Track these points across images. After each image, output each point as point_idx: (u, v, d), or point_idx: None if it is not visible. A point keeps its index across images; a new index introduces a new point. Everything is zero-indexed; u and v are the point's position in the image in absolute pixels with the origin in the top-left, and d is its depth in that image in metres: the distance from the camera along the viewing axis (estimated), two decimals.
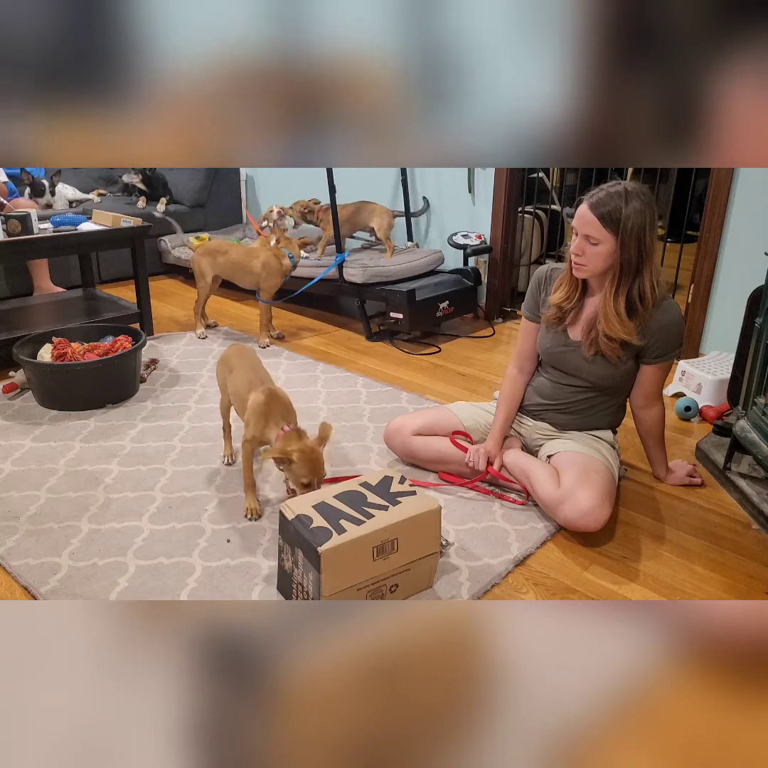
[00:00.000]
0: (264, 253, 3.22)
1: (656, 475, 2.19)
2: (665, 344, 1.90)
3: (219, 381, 2.23)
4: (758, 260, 2.73)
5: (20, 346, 2.65)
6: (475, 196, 3.78)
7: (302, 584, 1.55)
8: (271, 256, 3.21)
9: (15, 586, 1.67)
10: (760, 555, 1.85)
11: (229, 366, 2.14)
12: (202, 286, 3.34)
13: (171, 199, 4.52)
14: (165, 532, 1.87)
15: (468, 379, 3.01)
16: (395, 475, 1.70)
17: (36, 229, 2.97)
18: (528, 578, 1.74)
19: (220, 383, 2.22)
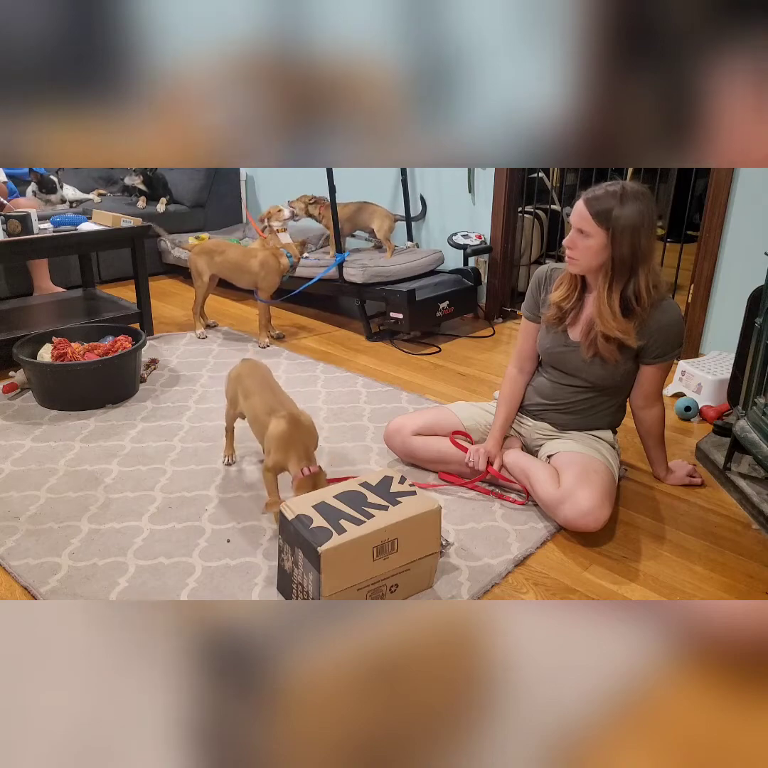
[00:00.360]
0: (262, 253, 3.22)
1: (656, 475, 2.19)
2: (665, 344, 1.90)
3: (229, 395, 2.14)
4: (758, 260, 2.74)
5: (20, 346, 2.65)
6: (475, 196, 3.78)
7: (302, 584, 1.55)
8: (269, 256, 3.21)
9: (15, 586, 1.67)
10: (760, 555, 1.85)
11: (243, 387, 2.04)
12: (199, 285, 3.34)
13: (171, 199, 4.52)
14: (165, 532, 1.87)
15: (468, 379, 3.01)
16: (395, 475, 1.70)
17: (36, 229, 2.97)
18: (528, 578, 1.74)
19: (230, 398, 2.14)
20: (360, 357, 3.22)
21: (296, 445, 1.83)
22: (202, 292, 3.36)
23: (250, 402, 2.00)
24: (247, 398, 2.02)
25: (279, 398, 1.96)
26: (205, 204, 4.63)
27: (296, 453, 1.82)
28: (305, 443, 1.85)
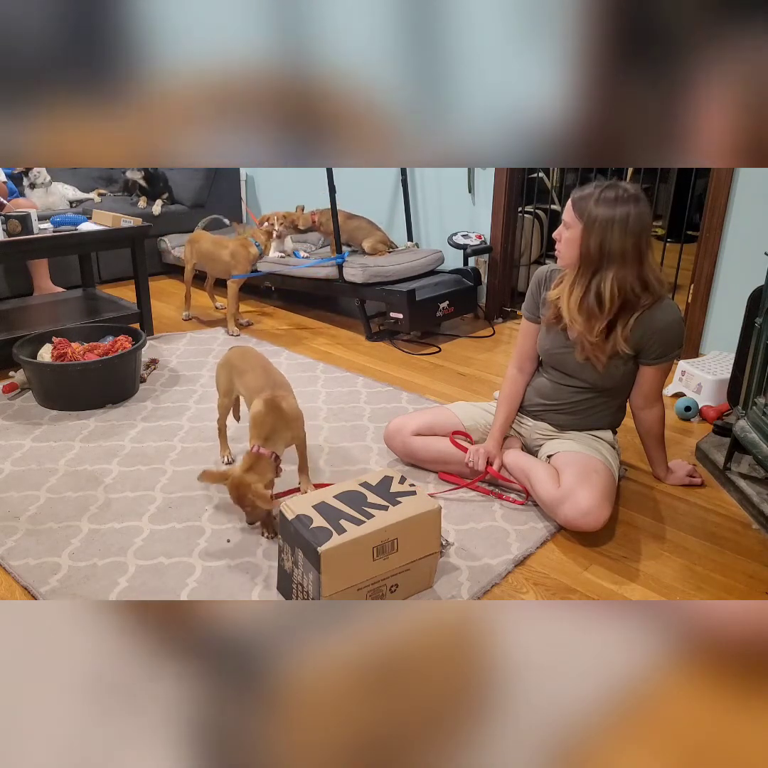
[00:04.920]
0: (232, 243, 3.44)
1: (656, 475, 2.19)
2: (665, 345, 1.90)
3: (220, 384, 2.17)
4: (758, 260, 2.73)
5: (20, 346, 2.65)
6: (475, 196, 3.78)
7: (302, 584, 1.55)
8: (239, 246, 3.43)
9: (15, 586, 1.67)
10: (760, 555, 1.85)
11: (236, 369, 2.07)
12: (188, 270, 3.62)
13: (170, 196, 4.52)
14: (165, 532, 1.87)
15: (468, 379, 3.01)
16: (395, 475, 1.70)
17: (36, 229, 2.97)
18: (528, 578, 1.74)
19: (221, 386, 2.17)
20: (360, 357, 3.22)
21: (264, 426, 1.87)
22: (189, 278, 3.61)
23: (244, 380, 2.03)
24: (241, 377, 2.05)
25: (272, 378, 2.00)
26: (205, 204, 4.63)
27: (258, 432, 1.86)
28: (274, 427, 1.88)
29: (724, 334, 3.03)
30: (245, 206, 4.93)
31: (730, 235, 2.96)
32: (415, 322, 3.37)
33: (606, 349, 1.89)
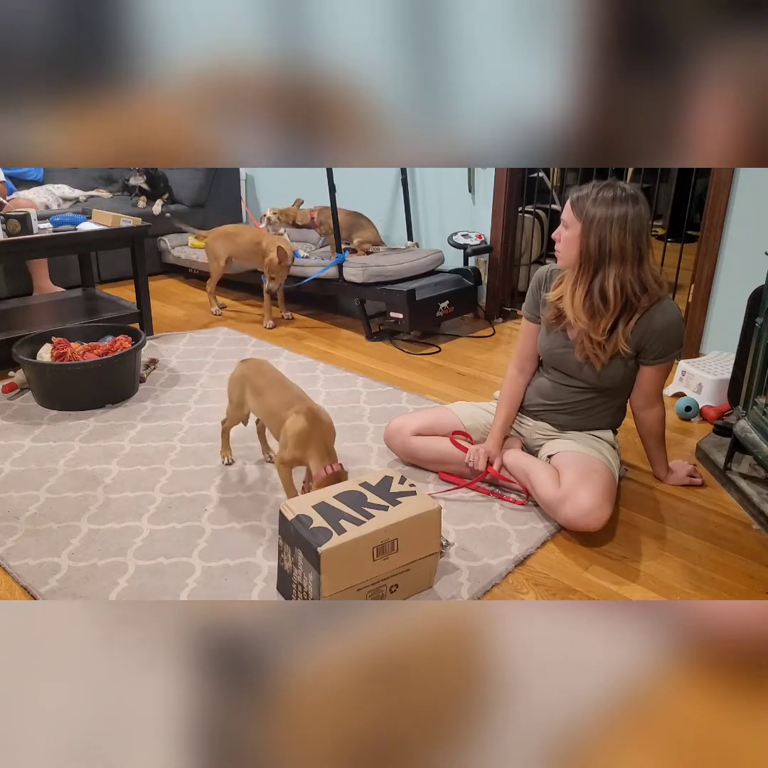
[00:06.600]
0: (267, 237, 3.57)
1: (656, 475, 2.19)
2: (665, 345, 1.90)
3: (233, 397, 2.09)
4: (758, 260, 2.73)
5: (20, 345, 2.64)
6: (475, 196, 3.78)
7: (302, 584, 1.55)
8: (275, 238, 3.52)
9: (15, 586, 1.67)
10: (760, 555, 1.84)
11: (252, 385, 2.00)
12: (215, 268, 3.67)
13: (170, 197, 4.52)
14: (165, 532, 1.87)
15: (468, 379, 3.00)
16: (395, 475, 1.70)
17: (35, 228, 2.97)
18: (528, 578, 1.74)
19: (233, 399, 2.09)
20: (360, 357, 3.21)
21: (316, 442, 1.78)
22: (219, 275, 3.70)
23: (263, 399, 1.96)
24: (259, 396, 1.98)
25: (294, 392, 1.93)
26: (205, 204, 4.63)
27: (317, 450, 1.78)
28: (325, 439, 1.81)
29: (725, 333, 3.03)
30: (245, 206, 4.93)
31: (730, 235, 2.96)
32: (415, 322, 3.37)
33: (608, 348, 1.89)
